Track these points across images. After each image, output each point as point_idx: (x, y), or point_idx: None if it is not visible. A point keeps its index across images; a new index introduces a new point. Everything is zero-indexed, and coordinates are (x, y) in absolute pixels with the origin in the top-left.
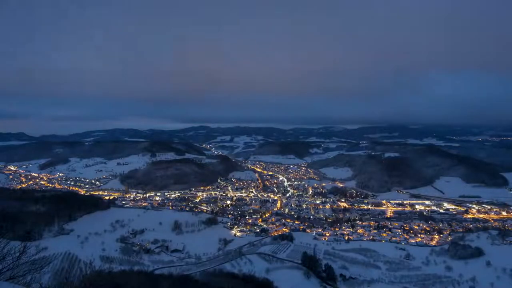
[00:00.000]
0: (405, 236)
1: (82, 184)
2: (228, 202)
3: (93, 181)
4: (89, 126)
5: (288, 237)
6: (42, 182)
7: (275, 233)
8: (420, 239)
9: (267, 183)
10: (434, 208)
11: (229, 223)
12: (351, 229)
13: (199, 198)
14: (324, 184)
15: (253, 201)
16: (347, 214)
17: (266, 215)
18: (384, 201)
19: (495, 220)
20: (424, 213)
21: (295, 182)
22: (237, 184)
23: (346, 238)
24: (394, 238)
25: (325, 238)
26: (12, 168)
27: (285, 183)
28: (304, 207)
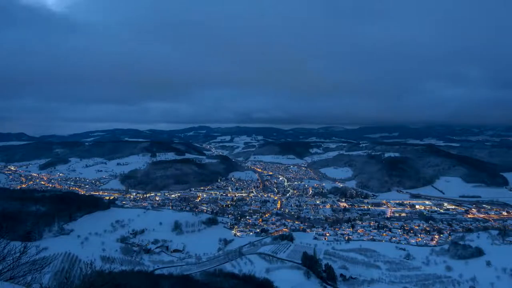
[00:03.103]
0: (405, 236)
1: (82, 184)
2: (228, 202)
3: (93, 181)
4: (89, 126)
5: (288, 237)
6: (42, 182)
7: (275, 233)
8: (420, 239)
9: (267, 183)
10: (434, 208)
11: (229, 223)
12: (351, 229)
13: (199, 198)
14: (324, 184)
15: (253, 201)
16: (347, 214)
17: (266, 215)
18: (384, 201)
19: (495, 220)
20: (424, 213)
21: (295, 182)
22: (237, 184)
23: (346, 238)
24: (394, 238)
25: (325, 238)
26: (12, 168)
27: (285, 183)
28: (304, 207)
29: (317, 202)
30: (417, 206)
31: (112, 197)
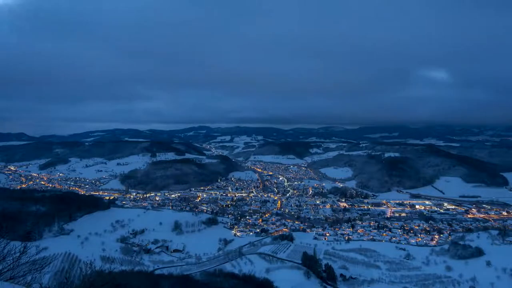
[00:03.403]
0: (405, 236)
1: (82, 184)
2: (228, 202)
3: (93, 181)
4: (89, 126)
5: (288, 237)
6: (42, 182)
7: (275, 233)
8: (420, 239)
9: (267, 183)
10: (434, 208)
11: (229, 223)
12: (351, 229)
13: (199, 198)
14: (324, 184)
15: (253, 201)
16: (347, 214)
17: (266, 215)
18: (384, 201)
19: (495, 220)
20: (424, 213)
21: (295, 182)
22: (237, 184)
23: (346, 238)
24: (394, 238)
25: (325, 238)
26: (12, 168)
27: (285, 183)
28: (304, 207)
29: (317, 202)
30: (417, 206)
31: (112, 197)
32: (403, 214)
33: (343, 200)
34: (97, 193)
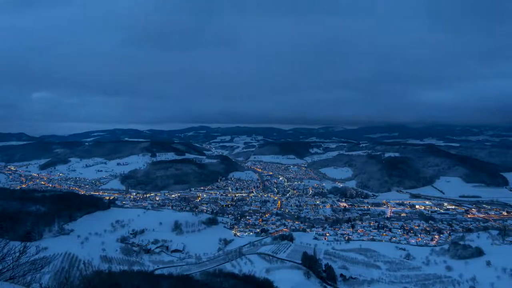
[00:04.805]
0: (405, 236)
1: (82, 184)
2: (228, 202)
3: (93, 181)
4: (89, 126)
5: (288, 237)
6: (42, 182)
7: (275, 233)
8: (420, 239)
9: (267, 183)
10: (434, 208)
11: (229, 223)
12: (351, 229)
13: (199, 198)
14: (324, 184)
15: (253, 201)
16: (347, 214)
17: (266, 215)
18: (384, 201)
19: (495, 220)
20: (424, 213)
21: (295, 182)
22: (237, 184)
23: (346, 238)
24: (394, 238)
25: (325, 238)
26: (12, 168)
27: (285, 183)
28: (304, 207)
29: (317, 202)
30: (417, 206)
31: (112, 197)
32: (403, 214)
33: (343, 200)
34: (97, 193)
